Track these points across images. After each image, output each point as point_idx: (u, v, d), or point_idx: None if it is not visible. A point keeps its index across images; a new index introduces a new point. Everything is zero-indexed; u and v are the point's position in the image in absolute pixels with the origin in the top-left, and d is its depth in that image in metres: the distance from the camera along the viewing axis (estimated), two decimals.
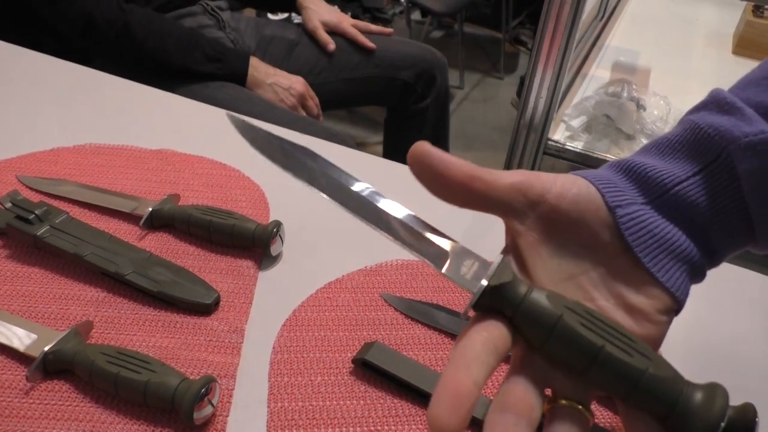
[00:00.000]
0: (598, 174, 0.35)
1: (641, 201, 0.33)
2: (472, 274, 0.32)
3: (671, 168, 0.34)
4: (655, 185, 0.34)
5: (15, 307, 0.51)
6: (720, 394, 0.30)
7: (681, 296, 0.33)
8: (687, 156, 0.34)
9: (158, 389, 0.43)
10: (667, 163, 0.34)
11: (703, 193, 0.33)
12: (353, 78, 1.39)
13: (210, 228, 0.57)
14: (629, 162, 0.35)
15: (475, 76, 2.88)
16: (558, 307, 0.30)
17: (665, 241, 0.33)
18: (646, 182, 0.34)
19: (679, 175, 0.33)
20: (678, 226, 0.33)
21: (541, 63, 0.87)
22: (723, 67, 1.36)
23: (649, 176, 0.34)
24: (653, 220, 0.33)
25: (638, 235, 0.33)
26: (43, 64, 0.86)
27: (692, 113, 0.36)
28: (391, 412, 0.46)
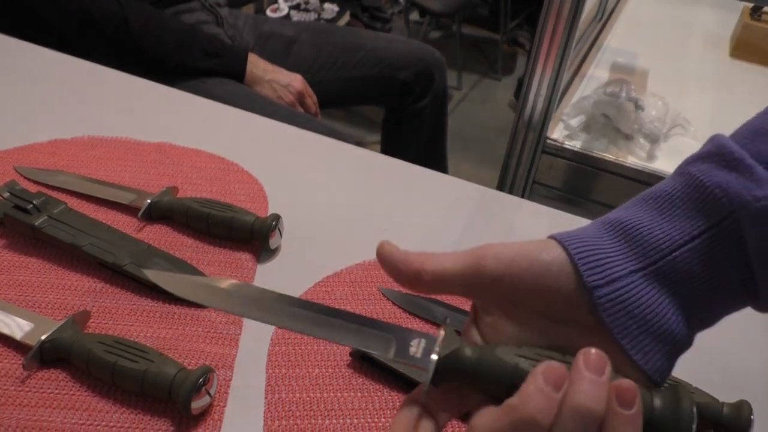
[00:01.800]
0: (582, 238, 0.32)
1: (631, 268, 0.31)
2: (421, 351, 0.32)
3: (669, 230, 0.31)
4: (651, 250, 0.31)
5: (12, 296, 0.50)
6: (684, 396, 0.29)
7: (658, 379, 0.31)
8: (688, 216, 0.31)
9: (156, 379, 0.42)
10: (664, 223, 0.31)
11: (702, 259, 0.30)
12: (351, 77, 1.39)
13: (208, 220, 0.57)
14: (624, 222, 0.32)
15: (472, 78, 2.89)
16: (511, 359, 0.30)
17: (648, 323, 0.30)
18: (642, 246, 0.31)
19: (678, 240, 0.30)
20: (669, 296, 0.31)
21: (540, 61, 0.87)
22: (720, 70, 1.37)
23: (646, 240, 0.31)
24: (638, 296, 0.30)
25: (617, 317, 0.30)
26: (41, 57, 0.86)
27: (692, 163, 0.33)
28: (388, 404, 0.46)
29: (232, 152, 0.70)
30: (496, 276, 0.32)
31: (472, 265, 0.32)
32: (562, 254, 0.31)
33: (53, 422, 0.42)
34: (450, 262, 0.33)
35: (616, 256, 0.31)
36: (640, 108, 1.01)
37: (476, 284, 0.32)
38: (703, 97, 1.24)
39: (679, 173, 0.33)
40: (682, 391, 0.30)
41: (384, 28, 2.51)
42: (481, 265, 0.32)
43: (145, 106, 0.78)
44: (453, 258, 0.33)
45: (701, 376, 0.49)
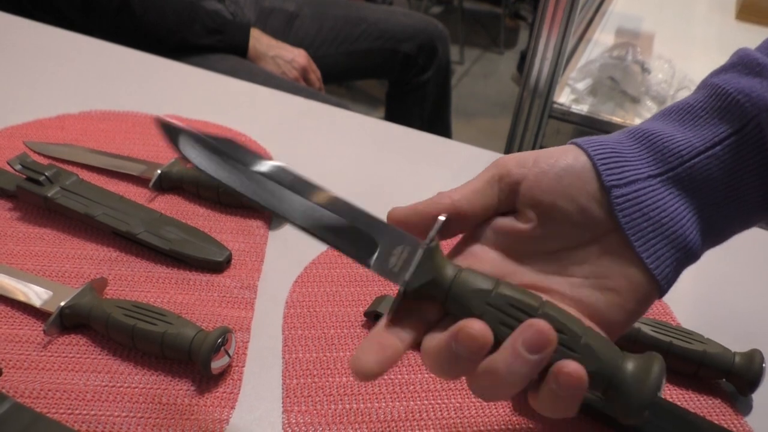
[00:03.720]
0: (602, 142, 0.32)
1: (650, 173, 0.31)
2: (401, 263, 0.31)
3: (690, 137, 0.31)
4: (671, 156, 0.31)
5: (29, 266, 0.51)
6: (656, 364, 0.29)
7: (666, 286, 0.31)
8: (709, 123, 0.31)
9: (175, 340, 0.43)
10: (686, 131, 0.31)
11: (722, 166, 0.30)
12: (354, 51, 1.38)
13: (219, 189, 0.58)
14: (645, 130, 0.32)
15: (474, 52, 2.86)
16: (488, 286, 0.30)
17: (663, 226, 0.31)
18: (662, 152, 0.31)
19: (698, 146, 0.31)
20: (686, 203, 0.31)
21: (546, 25, 0.86)
22: (726, 32, 1.35)
23: (666, 146, 0.31)
24: (655, 199, 0.31)
25: (633, 218, 0.31)
26: (44, 34, 0.86)
27: (715, 76, 0.33)
28: (402, 361, 0.47)
29: (239, 123, 0.71)
30: (518, 177, 0.32)
31: (494, 174, 0.32)
32: (583, 156, 0.32)
33: (76, 385, 0.43)
34: (472, 184, 0.33)
35: (635, 161, 0.31)
36: (646, 71, 1.00)
37: (501, 192, 0.32)
38: (709, 59, 1.23)
39: (702, 86, 0.33)
40: (656, 360, 0.30)
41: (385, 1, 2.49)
42: (504, 170, 0.32)
43: (150, 80, 0.78)
44: (473, 183, 0.33)
45: (713, 326, 0.49)
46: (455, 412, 0.43)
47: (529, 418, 0.43)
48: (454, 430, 0.42)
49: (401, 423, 0.42)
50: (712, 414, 0.45)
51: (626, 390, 0.29)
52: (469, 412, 0.43)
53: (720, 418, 0.44)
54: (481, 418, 0.43)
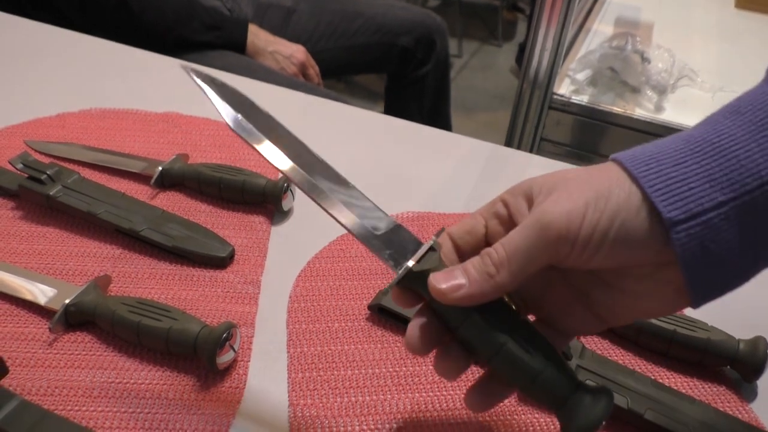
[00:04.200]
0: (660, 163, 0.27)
1: (722, 198, 0.26)
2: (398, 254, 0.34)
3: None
4: (748, 177, 0.25)
5: (33, 264, 0.51)
6: (604, 399, 0.32)
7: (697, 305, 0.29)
8: None
9: (180, 336, 0.43)
10: (765, 141, 0.26)
11: None
12: (352, 45, 1.38)
13: (221, 185, 0.58)
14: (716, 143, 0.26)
15: (473, 45, 2.86)
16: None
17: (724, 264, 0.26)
18: (737, 172, 0.26)
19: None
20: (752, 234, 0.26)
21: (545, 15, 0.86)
22: (725, 21, 1.35)
23: (742, 165, 0.25)
24: (720, 233, 0.26)
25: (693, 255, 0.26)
26: (43, 33, 0.86)
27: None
28: (407, 354, 0.47)
29: None
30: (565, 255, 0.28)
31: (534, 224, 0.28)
32: (636, 192, 0.27)
33: (82, 382, 0.43)
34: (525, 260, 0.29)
35: (701, 184, 0.26)
36: (646, 60, 1.00)
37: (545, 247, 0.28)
38: (709, 47, 1.22)
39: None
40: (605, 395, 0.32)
41: None
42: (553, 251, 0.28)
43: (149, 77, 0.78)
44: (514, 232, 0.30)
45: (717, 314, 0.49)
46: (460, 404, 0.43)
47: (534, 407, 0.43)
48: (460, 421, 0.42)
49: (407, 415, 0.42)
50: (717, 401, 0.45)
51: (575, 416, 0.32)
52: None
53: (725, 405, 0.44)
54: None
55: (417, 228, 0.59)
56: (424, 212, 0.60)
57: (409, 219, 0.59)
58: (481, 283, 0.30)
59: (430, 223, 0.59)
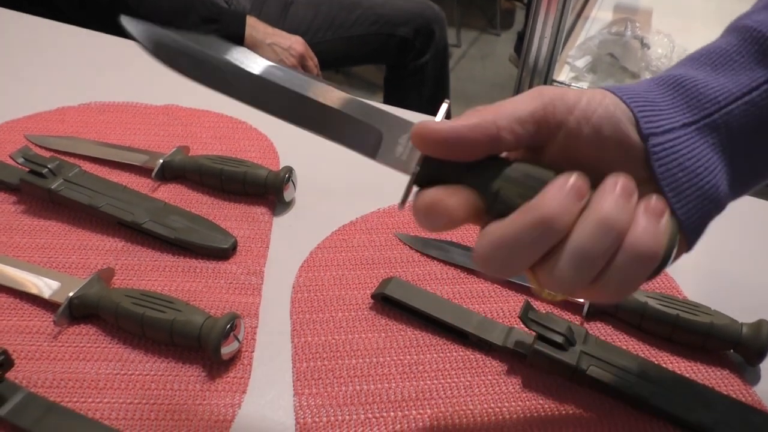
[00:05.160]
0: (635, 91, 0.31)
1: (684, 121, 0.30)
2: (408, 152, 0.30)
3: (726, 83, 0.30)
4: (707, 102, 0.30)
5: (35, 258, 0.51)
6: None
7: (694, 238, 0.31)
8: (745, 68, 0.30)
9: (184, 327, 0.43)
10: (720, 77, 0.30)
11: (758, 112, 0.29)
12: (351, 36, 1.37)
13: (222, 176, 0.57)
14: (677, 77, 0.31)
15: (471, 34, 2.84)
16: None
17: (697, 177, 0.29)
18: (697, 99, 0.30)
19: (735, 92, 0.30)
20: (720, 152, 0.30)
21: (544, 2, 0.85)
22: (725, 4, 1.34)
23: (701, 93, 0.30)
24: (690, 149, 0.29)
25: (668, 168, 0.29)
26: (41, 27, 0.85)
27: (746, 18, 0.32)
28: (411, 342, 0.47)
29: (237, 111, 0.70)
30: (561, 119, 0.30)
31: (539, 109, 0.29)
32: (615, 101, 0.30)
33: (87, 374, 0.43)
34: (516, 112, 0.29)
35: (669, 109, 0.30)
36: (645, 46, 1.00)
37: (543, 131, 0.30)
38: (708, 32, 1.21)
39: (733, 29, 0.32)
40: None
41: None
42: (550, 105, 0.29)
43: (148, 70, 0.78)
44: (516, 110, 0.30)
45: (719, 299, 0.50)
46: (465, 391, 0.44)
47: (538, 394, 0.44)
48: (464, 408, 0.43)
49: (411, 402, 0.43)
50: (721, 385, 0.45)
51: None
52: (479, 390, 0.44)
53: (728, 389, 0.45)
54: (490, 396, 0.43)
55: None
56: None
57: (409, 208, 0.59)
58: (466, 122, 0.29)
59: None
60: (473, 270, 0.53)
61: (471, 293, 0.51)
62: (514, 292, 0.51)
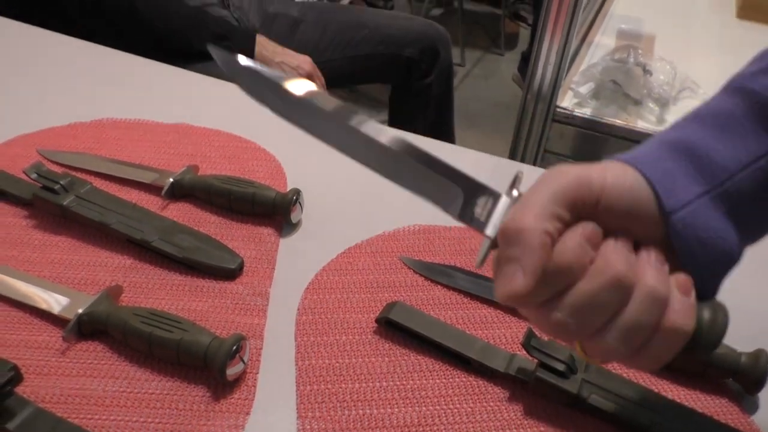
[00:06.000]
0: (650, 160, 0.31)
1: (699, 191, 0.30)
2: (486, 214, 0.32)
3: (735, 150, 0.31)
4: (718, 170, 0.30)
5: (45, 273, 0.52)
6: (722, 312, 0.32)
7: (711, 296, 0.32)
8: (753, 135, 0.31)
9: (191, 347, 0.44)
10: (729, 142, 0.31)
11: (766, 177, 0.31)
12: (357, 55, 1.39)
13: (230, 196, 0.58)
14: (687, 142, 0.31)
15: (475, 54, 2.87)
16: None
17: (715, 248, 0.30)
18: (708, 167, 0.31)
19: (744, 160, 0.30)
20: (732, 218, 0.31)
21: (548, 30, 0.87)
22: (727, 31, 1.36)
23: (712, 161, 0.31)
24: (705, 221, 0.30)
25: (688, 243, 0.30)
26: (56, 43, 0.87)
27: (750, 80, 0.33)
28: (415, 367, 0.48)
29: (247, 131, 0.71)
30: (591, 209, 0.30)
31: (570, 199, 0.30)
32: (636, 176, 0.31)
33: (94, 391, 0.44)
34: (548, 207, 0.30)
35: (684, 178, 0.31)
36: (648, 72, 1.01)
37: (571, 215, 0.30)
38: (710, 59, 1.23)
39: (739, 91, 0.33)
40: (721, 308, 0.32)
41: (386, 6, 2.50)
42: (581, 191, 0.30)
43: (159, 88, 0.79)
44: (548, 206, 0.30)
45: None
46: (467, 417, 0.44)
47: (540, 421, 0.44)
48: None
49: (414, 429, 0.43)
50: (719, 413, 0.45)
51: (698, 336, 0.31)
52: (481, 417, 0.44)
53: (727, 418, 0.45)
54: (493, 422, 0.44)
55: (423, 241, 0.59)
56: (430, 225, 0.61)
57: (415, 232, 0.60)
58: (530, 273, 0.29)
59: (436, 236, 0.60)
60: (476, 295, 0.54)
61: (474, 319, 0.52)
62: (517, 318, 0.52)
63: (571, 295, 0.29)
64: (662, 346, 0.29)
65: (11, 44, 0.86)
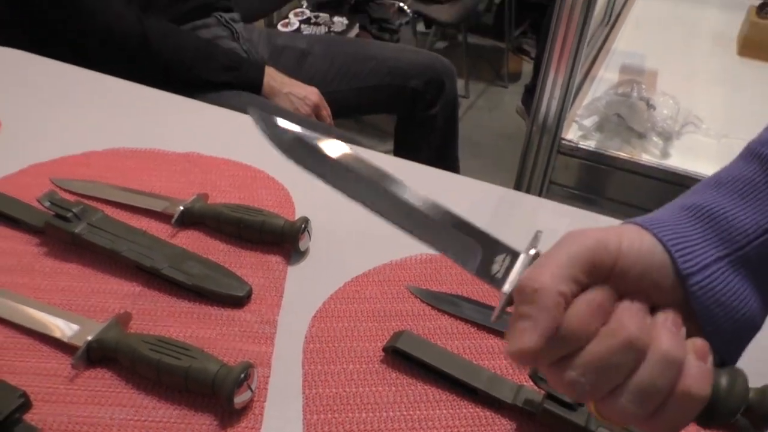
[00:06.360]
0: (667, 224, 0.32)
1: (718, 255, 0.31)
2: (503, 271, 0.32)
3: (754, 215, 0.31)
4: (738, 235, 0.31)
5: (56, 300, 0.52)
6: (741, 379, 0.32)
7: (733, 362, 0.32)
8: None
9: (199, 374, 0.44)
10: (749, 208, 0.32)
11: None
12: (363, 87, 1.41)
13: (240, 224, 0.59)
14: (706, 208, 0.32)
15: (479, 86, 2.91)
16: None
17: (734, 311, 0.31)
18: (728, 232, 0.31)
19: (763, 225, 0.31)
20: (752, 283, 0.31)
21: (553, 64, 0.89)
22: (729, 68, 1.38)
23: (732, 225, 0.31)
24: (725, 284, 0.31)
25: (707, 305, 0.30)
26: (67, 73, 0.89)
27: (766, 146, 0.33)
28: (422, 397, 0.48)
29: (256, 160, 0.72)
30: (606, 273, 0.30)
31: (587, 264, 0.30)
32: (652, 241, 0.31)
33: (102, 418, 0.44)
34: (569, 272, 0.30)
35: (702, 242, 0.31)
36: (651, 107, 1.03)
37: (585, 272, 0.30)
38: (713, 95, 1.25)
39: (757, 157, 0.33)
40: (740, 375, 0.32)
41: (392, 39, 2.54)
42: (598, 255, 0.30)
43: (170, 118, 0.81)
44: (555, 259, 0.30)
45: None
46: None
47: None
48: None
49: None
50: None
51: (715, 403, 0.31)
52: None
53: None
54: None
55: (431, 270, 0.60)
56: (437, 255, 0.61)
57: (422, 261, 0.61)
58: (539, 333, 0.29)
59: (442, 265, 0.60)
60: (483, 325, 0.54)
61: (481, 349, 0.52)
62: None
63: (583, 355, 0.29)
64: (678, 411, 0.29)
65: (26, 76, 0.88)
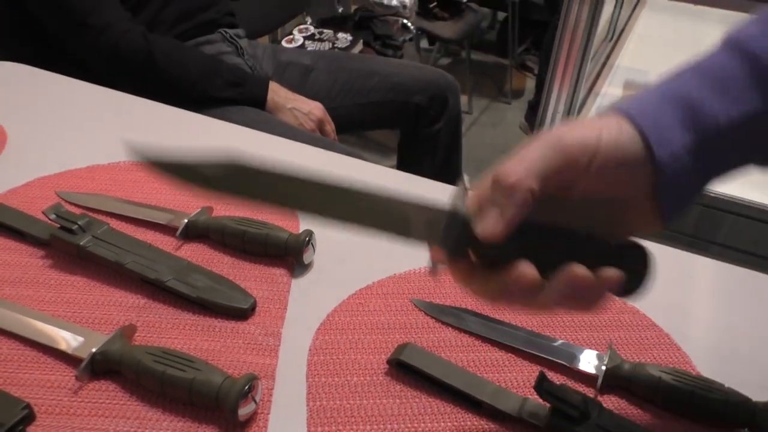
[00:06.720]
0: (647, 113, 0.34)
1: (690, 145, 0.34)
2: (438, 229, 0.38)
3: (728, 107, 0.34)
4: (709, 128, 0.34)
5: (60, 312, 0.52)
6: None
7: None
8: (749, 96, 0.34)
9: (203, 387, 0.44)
10: (725, 102, 0.34)
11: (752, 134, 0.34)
12: (367, 102, 1.42)
13: (244, 237, 0.59)
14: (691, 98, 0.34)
15: (482, 102, 2.92)
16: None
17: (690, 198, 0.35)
18: (701, 124, 0.34)
19: (735, 118, 0.34)
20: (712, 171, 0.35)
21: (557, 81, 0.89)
22: None
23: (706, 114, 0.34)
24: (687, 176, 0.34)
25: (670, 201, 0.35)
26: (72, 88, 0.90)
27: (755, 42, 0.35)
28: (426, 410, 0.47)
29: None
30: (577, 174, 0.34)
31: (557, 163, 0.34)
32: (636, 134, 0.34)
33: (105, 431, 0.43)
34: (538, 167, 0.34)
35: (676, 130, 0.34)
36: None
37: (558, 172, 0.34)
38: None
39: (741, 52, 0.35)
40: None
41: (396, 55, 2.56)
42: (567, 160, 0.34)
43: (175, 132, 0.81)
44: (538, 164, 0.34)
45: (734, 376, 0.50)
46: None
47: None
48: None
49: None
50: None
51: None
52: None
53: None
54: None
55: (434, 283, 0.60)
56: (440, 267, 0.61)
57: (425, 274, 0.61)
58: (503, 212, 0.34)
59: (446, 278, 0.60)
60: (487, 338, 0.54)
61: (485, 361, 0.52)
62: (528, 362, 0.52)
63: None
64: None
65: (32, 90, 0.89)
